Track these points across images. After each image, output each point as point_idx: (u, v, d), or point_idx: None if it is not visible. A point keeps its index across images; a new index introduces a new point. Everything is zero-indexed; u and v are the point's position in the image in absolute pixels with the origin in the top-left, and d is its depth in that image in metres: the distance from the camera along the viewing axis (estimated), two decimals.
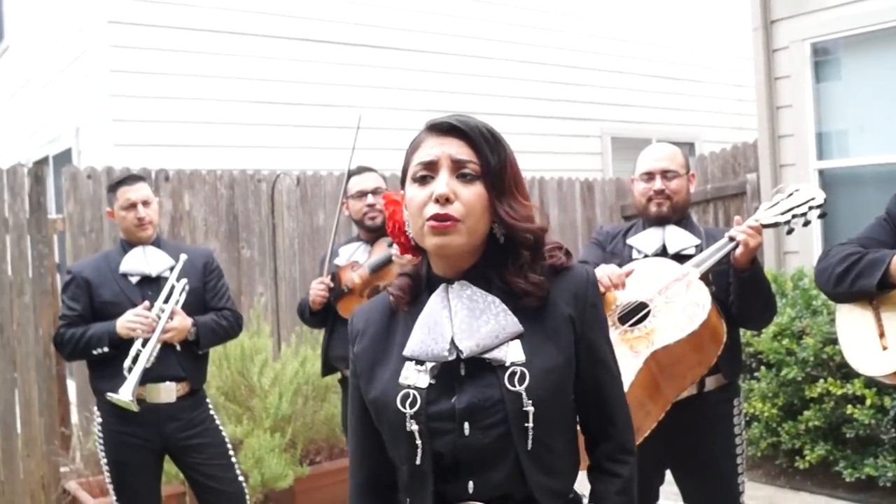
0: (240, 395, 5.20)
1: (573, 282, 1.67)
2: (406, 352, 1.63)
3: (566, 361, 1.62)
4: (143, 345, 3.43)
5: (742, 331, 3.27)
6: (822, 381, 4.93)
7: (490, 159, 1.59)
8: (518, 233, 1.60)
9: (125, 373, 3.37)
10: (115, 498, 3.59)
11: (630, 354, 2.76)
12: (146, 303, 3.51)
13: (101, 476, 4.99)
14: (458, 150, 1.59)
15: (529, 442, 1.54)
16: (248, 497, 3.78)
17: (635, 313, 2.89)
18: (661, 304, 2.86)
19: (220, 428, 3.76)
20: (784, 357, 5.11)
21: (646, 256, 3.12)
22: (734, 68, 11.39)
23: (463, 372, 1.59)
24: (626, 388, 2.64)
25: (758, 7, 6.14)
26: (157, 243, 3.72)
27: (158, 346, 3.46)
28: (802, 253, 5.90)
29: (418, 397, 1.57)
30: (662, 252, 3.11)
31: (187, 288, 3.63)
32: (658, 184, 3.11)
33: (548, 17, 9.77)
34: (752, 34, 6.27)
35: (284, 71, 7.84)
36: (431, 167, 1.59)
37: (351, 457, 1.81)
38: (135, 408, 3.35)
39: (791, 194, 3.01)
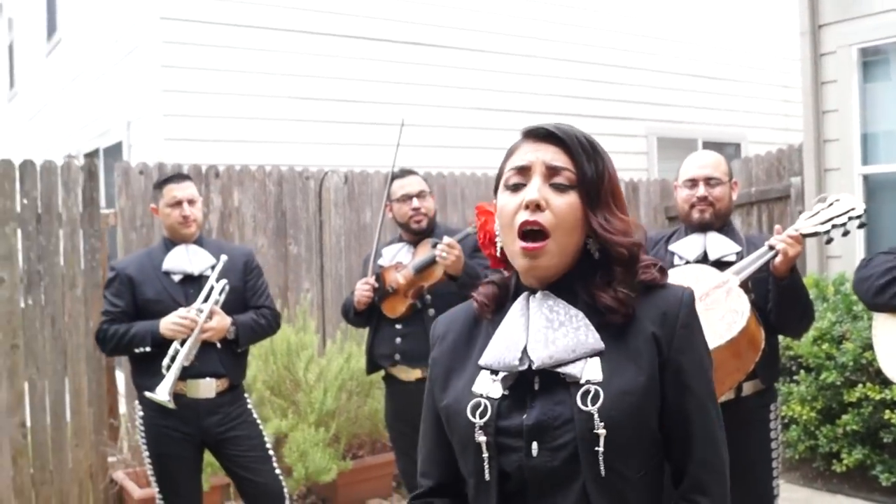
0: (285, 390, 5.31)
1: (665, 301, 1.56)
2: (482, 361, 1.57)
3: (648, 384, 1.49)
4: (182, 343, 3.51)
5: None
6: (860, 385, 4.95)
7: (587, 169, 1.53)
8: (612, 247, 1.53)
9: (164, 371, 3.46)
10: (157, 489, 3.70)
11: None
12: (192, 306, 3.58)
13: None
14: (553, 156, 1.53)
15: (601, 468, 1.44)
16: (285, 490, 3.84)
17: None
18: (700, 310, 2.90)
19: (258, 422, 3.84)
20: (824, 361, 5.13)
21: (687, 263, 3.17)
22: (781, 69, 11.32)
23: (537, 386, 1.52)
24: None
25: (806, 11, 6.14)
26: (199, 242, 3.78)
27: (198, 345, 3.54)
28: (845, 258, 5.90)
29: (489, 407, 1.51)
30: (703, 258, 3.16)
31: (227, 288, 3.68)
32: (701, 191, 3.16)
33: (593, 16, 9.79)
34: (799, 38, 6.27)
35: (332, 68, 7.95)
36: (524, 173, 1.54)
37: (420, 467, 1.73)
38: (171, 406, 3.43)
39: (831, 204, 3.06)
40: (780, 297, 2.95)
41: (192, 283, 3.69)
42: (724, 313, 2.86)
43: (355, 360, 5.40)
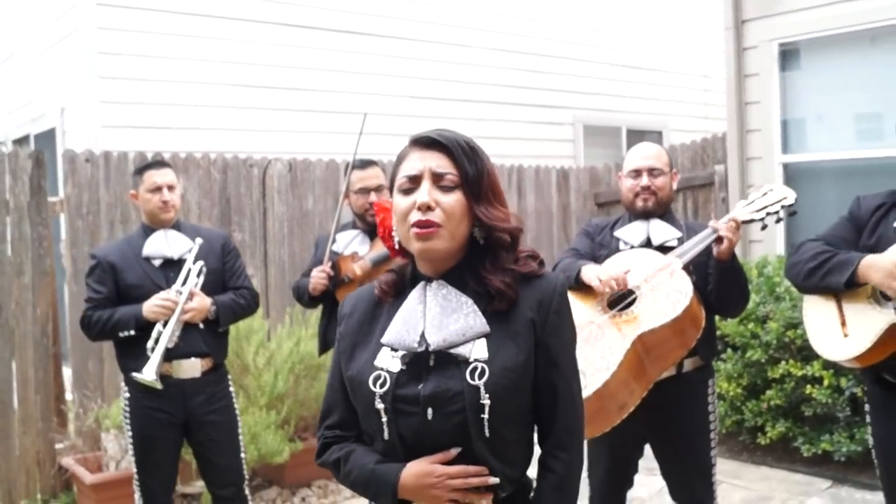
0: (233, 374, 5.38)
1: (541, 289, 1.83)
2: (384, 339, 1.82)
3: (525, 361, 1.77)
4: (165, 325, 3.61)
5: None
6: (783, 362, 5.25)
7: (468, 169, 1.77)
8: (495, 232, 1.79)
9: (149, 353, 3.57)
10: (136, 470, 3.77)
11: (618, 336, 3.03)
12: (172, 288, 3.68)
13: (99, 452, 5.19)
14: (438, 162, 1.77)
15: (486, 431, 1.71)
16: (245, 474, 3.97)
17: (623, 299, 3.16)
18: (647, 291, 3.12)
19: (236, 406, 3.95)
20: (749, 340, 5.43)
21: (632, 247, 3.38)
22: (702, 60, 11.67)
23: (432, 363, 1.77)
24: (615, 366, 2.95)
25: (730, 7, 6.42)
26: (177, 226, 3.88)
27: (180, 326, 3.64)
28: (766, 242, 6.21)
29: (388, 379, 1.76)
30: (647, 244, 3.35)
31: (204, 270, 3.79)
32: (645, 181, 3.36)
33: (521, 6, 9.97)
34: (723, 33, 6.55)
35: (274, 56, 8.00)
36: (415, 180, 1.77)
37: (325, 403, 1.97)
38: (159, 386, 3.54)
39: (765, 193, 3.30)
40: (721, 280, 3.17)
41: (173, 267, 3.78)
42: (668, 293, 3.07)
43: (304, 343, 5.52)
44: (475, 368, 1.72)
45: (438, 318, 1.78)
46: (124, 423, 3.82)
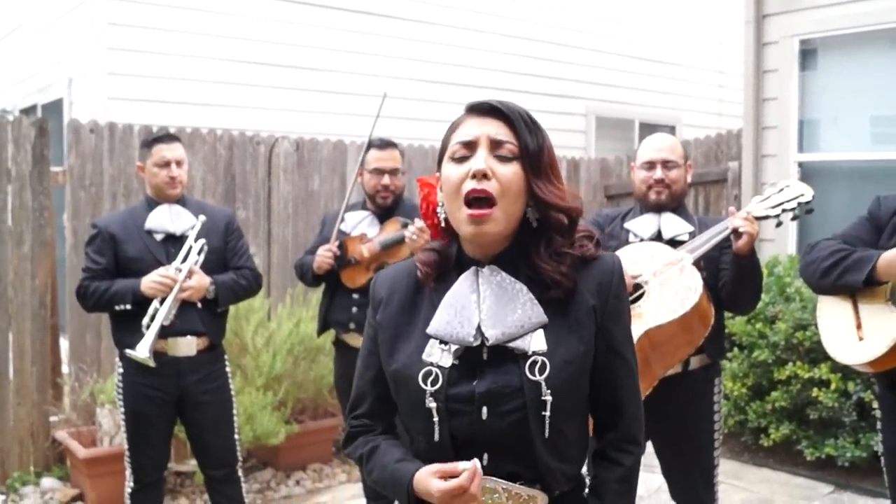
0: (231, 354, 5.32)
1: (600, 271, 1.69)
2: (430, 330, 1.67)
3: (586, 352, 1.64)
4: (161, 302, 3.53)
5: None
6: (790, 364, 5.16)
7: (528, 142, 1.62)
8: (552, 212, 1.64)
9: (144, 329, 3.49)
10: (127, 447, 3.71)
11: None
12: (171, 265, 3.60)
13: (93, 427, 5.14)
14: (497, 130, 1.62)
15: (546, 430, 1.59)
16: (239, 455, 3.91)
17: (631, 293, 3.08)
18: (655, 286, 3.04)
19: (231, 388, 3.88)
20: (756, 340, 5.35)
21: (642, 240, 3.30)
22: (717, 55, 11.56)
23: (486, 357, 1.63)
24: None
25: (751, 2, 6.30)
26: (181, 202, 3.79)
27: (177, 304, 3.56)
28: (778, 241, 6.12)
29: (440, 376, 1.62)
30: (657, 237, 3.28)
31: (206, 248, 3.71)
32: (658, 173, 3.28)
33: None
34: (743, 27, 6.44)
35: (285, 33, 7.90)
36: (470, 146, 1.62)
37: (354, 394, 1.85)
38: (152, 363, 3.46)
39: (782, 189, 3.21)
40: (738, 276, 3.08)
41: (174, 243, 3.70)
42: (677, 289, 2.99)
43: (304, 325, 5.45)
44: (535, 362, 1.59)
45: (494, 308, 1.64)
46: (117, 399, 3.76)
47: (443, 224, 1.71)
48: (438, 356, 1.64)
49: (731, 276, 3.11)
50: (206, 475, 3.91)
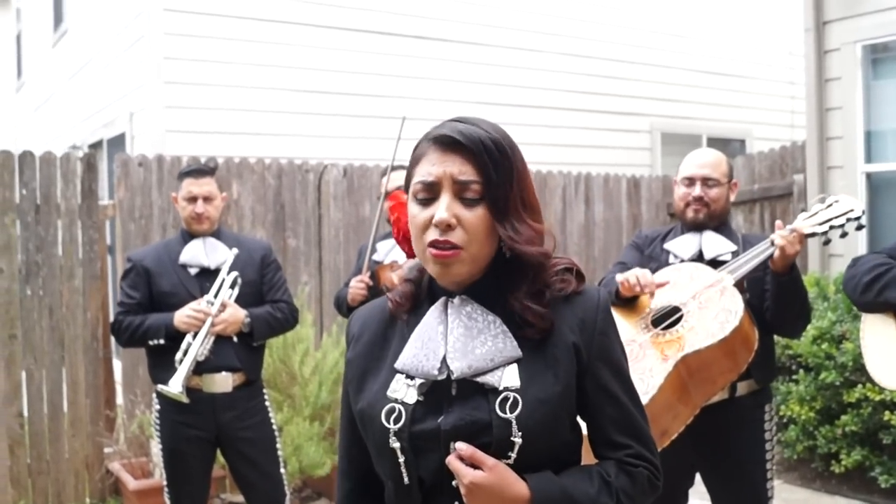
0: (281, 383, 5.29)
1: (582, 307, 1.56)
2: (398, 364, 1.55)
3: (564, 391, 1.51)
4: (194, 337, 3.48)
5: None
6: (860, 386, 4.91)
7: (493, 176, 1.48)
8: (521, 256, 1.51)
9: (177, 364, 3.43)
10: (166, 484, 3.66)
11: (660, 358, 2.81)
12: (203, 298, 3.54)
13: (144, 458, 5.16)
14: (460, 168, 1.48)
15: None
16: (287, 490, 3.81)
17: (668, 317, 2.93)
18: (694, 308, 2.89)
19: (273, 422, 3.78)
20: (823, 361, 5.10)
21: (682, 261, 3.15)
22: (787, 65, 11.24)
23: (454, 392, 1.51)
24: (655, 390, 2.71)
25: (810, 8, 6.09)
26: (217, 234, 3.73)
27: (211, 339, 3.49)
28: (847, 256, 5.83)
29: (403, 413, 1.50)
30: (699, 257, 3.13)
31: (239, 281, 3.64)
32: (697, 190, 3.13)
33: (598, 10, 9.73)
34: (803, 35, 6.22)
35: (332, 61, 7.92)
36: (432, 189, 1.49)
37: (339, 465, 1.74)
38: (185, 399, 3.40)
39: (830, 205, 3.02)
40: (777, 295, 2.92)
41: (209, 277, 3.65)
42: (717, 312, 2.84)
43: None
44: (506, 399, 1.46)
45: (462, 340, 1.51)
46: (154, 435, 3.72)
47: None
48: (403, 392, 1.52)
49: (771, 295, 2.93)
50: None
